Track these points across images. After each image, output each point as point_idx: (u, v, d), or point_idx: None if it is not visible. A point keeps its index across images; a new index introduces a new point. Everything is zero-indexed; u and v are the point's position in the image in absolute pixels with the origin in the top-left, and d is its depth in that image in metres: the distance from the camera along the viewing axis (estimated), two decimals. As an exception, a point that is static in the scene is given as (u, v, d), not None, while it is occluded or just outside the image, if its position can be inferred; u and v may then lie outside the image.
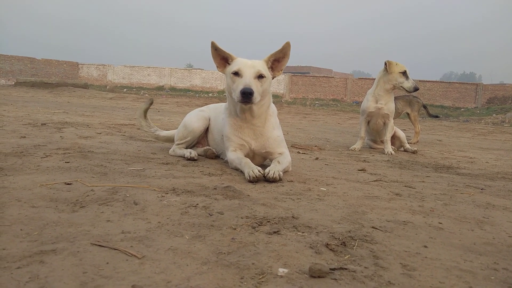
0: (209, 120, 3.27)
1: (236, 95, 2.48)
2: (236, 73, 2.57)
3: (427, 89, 30.30)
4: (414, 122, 6.62)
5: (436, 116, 7.53)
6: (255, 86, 2.49)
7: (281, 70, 2.78)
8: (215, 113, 3.25)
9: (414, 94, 5.55)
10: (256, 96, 2.49)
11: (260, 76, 2.57)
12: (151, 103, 3.61)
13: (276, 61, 2.74)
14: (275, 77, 2.78)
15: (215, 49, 2.72)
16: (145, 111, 3.64)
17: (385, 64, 4.69)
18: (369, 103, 4.81)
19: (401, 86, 4.63)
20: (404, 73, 4.63)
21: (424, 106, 6.82)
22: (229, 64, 2.71)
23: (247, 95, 2.42)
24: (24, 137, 3.55)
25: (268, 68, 2.71)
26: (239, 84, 2.49)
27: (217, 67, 2.77)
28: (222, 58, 2.74)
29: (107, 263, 1.16)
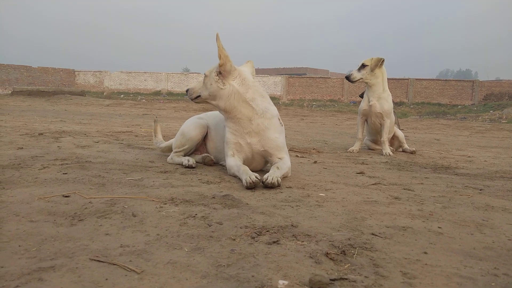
0: (207, 127, 3.26)
1: None
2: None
3: (423, 87, 30.36)
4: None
5: None
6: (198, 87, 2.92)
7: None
8: (214, 120, 3.24)
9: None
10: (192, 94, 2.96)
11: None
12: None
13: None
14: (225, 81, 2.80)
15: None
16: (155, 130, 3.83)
17: None
18: (363, 102, 5.00)
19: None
20: (361, 66, 4.87)
21: None
22: None
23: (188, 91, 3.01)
24: (22, 148, 3.54)
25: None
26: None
27: None
28: None
29: (106, 279, 1.16)
